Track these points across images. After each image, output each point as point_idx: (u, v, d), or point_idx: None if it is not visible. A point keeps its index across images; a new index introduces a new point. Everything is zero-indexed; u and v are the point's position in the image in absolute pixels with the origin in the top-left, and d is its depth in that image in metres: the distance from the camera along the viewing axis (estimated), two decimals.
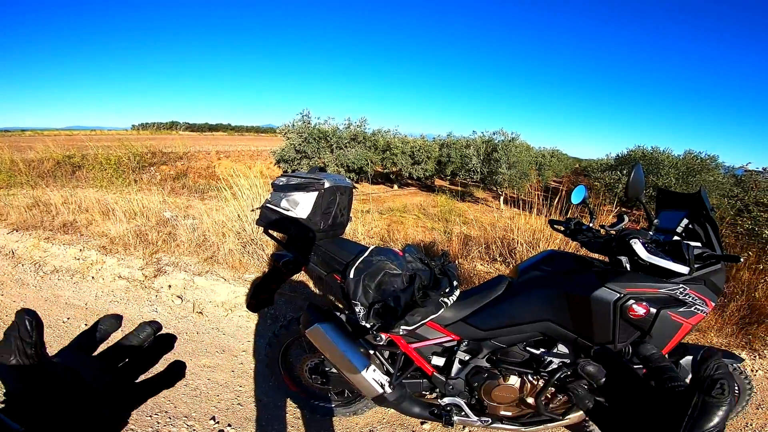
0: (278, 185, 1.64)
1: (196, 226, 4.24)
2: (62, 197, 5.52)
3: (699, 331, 2.81)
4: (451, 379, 1.62)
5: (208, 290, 3.33)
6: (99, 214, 4.77)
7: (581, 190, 1.83)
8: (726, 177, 11.18)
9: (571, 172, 25.25)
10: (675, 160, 12.08)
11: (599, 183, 12.58)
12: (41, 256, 4.04)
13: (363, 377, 1.52)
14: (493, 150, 14.40)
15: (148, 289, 3.44)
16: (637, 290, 1.42)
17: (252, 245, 3.76)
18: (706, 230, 1.54)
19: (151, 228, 4.33)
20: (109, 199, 5.21)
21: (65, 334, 2.73)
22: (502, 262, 3.76)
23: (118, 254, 3.89)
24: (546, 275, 1.62)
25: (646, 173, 11.50)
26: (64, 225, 4.69)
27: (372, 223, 4.73)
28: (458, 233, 4.62)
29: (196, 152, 16.55)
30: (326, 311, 1.69)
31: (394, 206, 9.13)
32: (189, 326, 2.95)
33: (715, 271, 1.44)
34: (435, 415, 1.66)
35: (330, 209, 1.62)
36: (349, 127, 14.25)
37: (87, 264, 3.82)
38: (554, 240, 3.66)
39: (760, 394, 2.43)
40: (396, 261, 1.45)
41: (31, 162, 9.89)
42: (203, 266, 3.60)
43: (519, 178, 13.91)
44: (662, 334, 1.41)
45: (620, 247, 1.51)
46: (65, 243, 4.17)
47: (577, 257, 1.70)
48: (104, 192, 6.00)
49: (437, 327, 1.60)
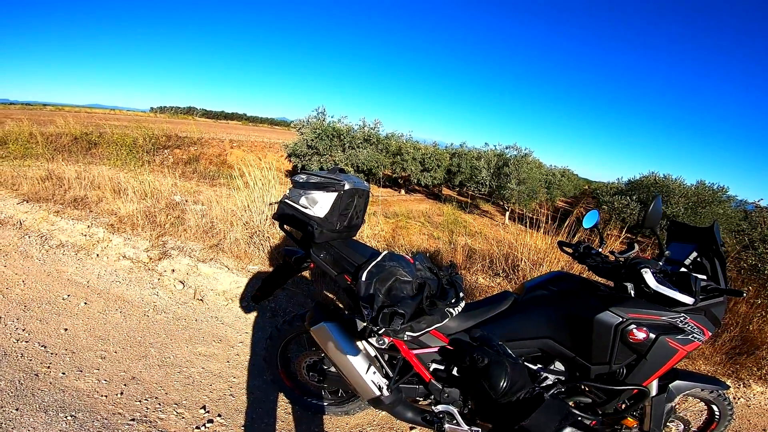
0: (298, 182, 1.67)
1: (204, 212, 4.28)
2: (76, 172, 5.60)
3: (688, 359, 2.86)
4: (448, 388, 1.63)
5: (211, 278, 3.36)
6: (110, 192, 4.82)
7: (594, 215, 1.87)
8: (735, 211, 11.09)
9: (580, 193, 25.12)
10: (686, 189, 12.02)
11: (607, 207, 12.53)
12: (48, 230, 4.09)
13: (362, 378, 1.54)
14: (504, 164, 14.40)
15: (151, 272, 3.47)
16: (639, 316, 1.46)
17: (258, 236, 3.78)
18: (714, 264, 1.56)
19: (161, 210, 4.37)
20: (122, 177, 5.28)
21: (63, 312, 2.74)
22: (505, 277, 3.76)
23: (125, 234, 3.94)
24: (552, 294, 1.64)
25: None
26: (75, 200, 4.74)
27: (378, 227, 4.75)
28: (463, 245, 4.62)
29: (210, 139, 16.68)
30: (332, 310, 1.70)
31: (400, 211, 9.15)
32: (188, 312, 2.97)
33: (717, 303, 1.48)
34: (427, 421, 1.68)
35: (347, 211, 1.64)
36: (363, 128, 14.31)
37: (93, 241, 3.87)
38: (558, 261, 3.66)
39: (739, 421, 2.52)
40: (407, 268, 1.47)
41: (49, 136, 10.02)
42: (208, 253, 3.63)
43: (527, 195, 13.89)
44: (658, 359, 1.46)
45: (629, 274, 1.54)
46: (74, 218, 4.22)
47: (583, 280, 1.72)
48: (117, 170, 6.07)
49: (440, 336, 1.61)
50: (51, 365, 2.20)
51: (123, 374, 2.21)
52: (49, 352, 2.31)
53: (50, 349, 2.35)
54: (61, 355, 2.30)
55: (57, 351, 2.33)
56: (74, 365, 2.23)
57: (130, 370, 2.25)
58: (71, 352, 2.34)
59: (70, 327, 2.59)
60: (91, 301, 2.93)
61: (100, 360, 2.31)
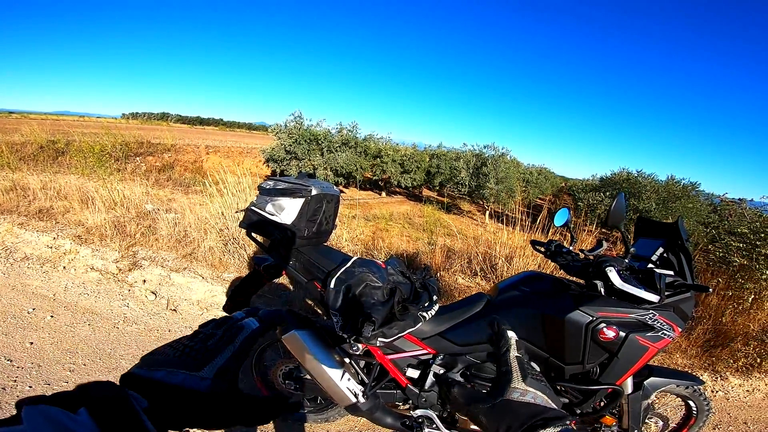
0: (265, 189, 1.63)
1: (177, 221, 4.17)
2: (41, 182, 5.38)
3: (665, 353, 2.90)
4: (425, 392, 1.62)
5: (185, 288, 3.27)
6: (77, 202, 4.65)
7: (564, 213, 1.88)
8: (704, 205, 11.50)
9: (557, 190, 25.62)
10: (657, 185, 12.41)
11: (582, 203, 12.82)
12: (13, 242, 3.91)
13: (337, 386, 1.51)
14: (482, 164, 14.57)
15: (121, 283, 3.35)
16: (608, 314, 1.47)
17: (233, 244, 3.70)
18: (680, 259, 1.59)
19: (131, 220, 4.24)
20: (90, 187, 5.09)
21: (29, 326, 2.63)
22: (483, 277, 3.79)
23: (93, 245, 3.80)
24: (524, 295, 1.65)
25: (629, 197, 11.80)
26: (40, 211, 4.55)
27: (357, 230, 4.72)
28: (442, 245, 4.64)
29: (185, 145, 16.29)
30: (304, 318, 1.67)
31: (380, 213, 9.14)
32: (161, 323, 2.88)
33: (685, 299, 1.50)
34: (406, 426, 1.66)
35: (315, 216, 1.61)
36: (341, 131, 14.25)
37: (60, 253, 3.71)
38: (533, 258, 3.71)
39: (719, 414, 2.54)
40: (378, 273, 1.45)
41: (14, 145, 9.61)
42: (181, 262, 3.53)
43: (506, 194, 14.09)
44: (629, 357, 1.47)
45: (596, 273, 1.55)
46: (39, 230, 4.05)
47: (555, 280, 1.73)
48: (86, 179, 5.86)
49: (414, 340, 1.60)
50: (17, 379, 2.13)
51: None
52: (15, 366, 2.23)
53: (16, 362, 2.26)
54: (27, 369, 2.22)
55: (23, 365, 2.25)
56: (41, 378, 2.16)
57: None
58: (38, 366, 2.26)
59: (36, 340, 2.49)
60: (58, 314, 2.82)
61: (69, 373, 2.23)
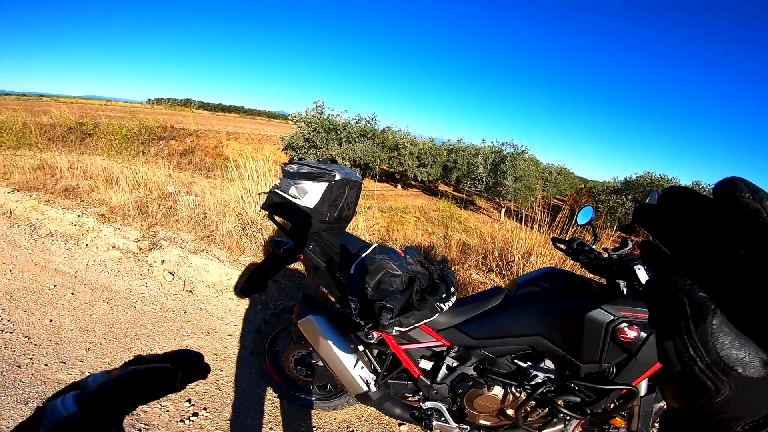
0: (289, 172, 1.63)
1: (197, 203, 4.23)
2: (68, 162, 5.53)
3: None
4: (436, 384, 1.61)
5: (202, 269, 3.32)
6: (102, 182, 4.76)
7: (588, 212, 1.84)
8: None
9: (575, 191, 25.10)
10: None
11: (603, 205, 12.53)
12: (38, 219, 4.03)
13: (350, 373, 1.51)
14: (501, 161, 14.35)
15: (140, 262, 3.42)
16: (631, 314, 1.43)
17: (251, 228, 3.74)
18: None
19: (153, 200, 4.32)
20: (115, 168, 5.21)
21: (49, 302, 2.70)
22: (498, 273, 3.74)
23: (115, 223, 3.88)
24: (543, 291, 1.61)
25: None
26: (66, 189, 4.68)
27: (373, 220, 4.72)
28: (457, 240, 4.60)
29: (207, 131, 16.52)
30: (320, 304, 1.67)
31: (395, 206, 9.11)
32: (177, 304, 2.93)
33: None
34: (415, 417, 1.66)
35: (337, 202, 1.60)
36: (360, 122, 14.22)
37: (83, 231, 3.81)
38: (551, 256, 3.64)
39: None
40: (397, 261, 1.43)
41: (43, 126, 9.90)
42: (200, 244, 3.59)
43: (524, 192, 13.86)
44: (648, 358, 1.43)
45: (621, 272, 1.51)
46: (64, 207, 4.17)
47: (575, 277, 1.68)
48: (111, 161, 6.00)
49: (430, 331, 1.58)
50: (34, 357, 2.17)
51: (107, 366, 2.18)
52: (33, 344, 2.27)
53: (34, 340, 2.31)
54: (44, 347, 2.26)
55: (41, 342, 2.29)
56: (57, 357, 2.20)
57: (114, 363, 2.21)
58: (55, 344, 2.30)
59: (56, 318, 2.55)
60: (78, 292, 2.89)
61: (84, 352, 2.27)
